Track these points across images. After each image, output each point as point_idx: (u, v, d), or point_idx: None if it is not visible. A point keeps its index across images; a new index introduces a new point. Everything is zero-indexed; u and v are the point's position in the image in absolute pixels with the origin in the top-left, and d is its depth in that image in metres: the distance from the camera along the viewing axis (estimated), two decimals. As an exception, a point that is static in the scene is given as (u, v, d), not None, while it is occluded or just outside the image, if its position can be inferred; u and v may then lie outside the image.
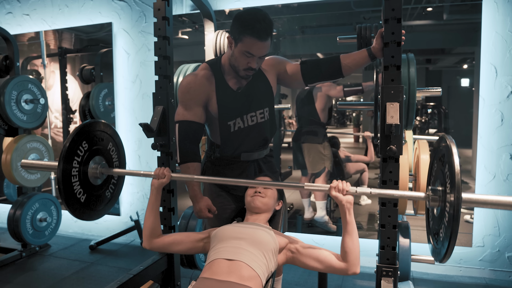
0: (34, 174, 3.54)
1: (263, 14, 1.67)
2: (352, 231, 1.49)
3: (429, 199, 1.44)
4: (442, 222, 1.39)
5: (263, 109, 1.90)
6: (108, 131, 1.90)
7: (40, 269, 3.29)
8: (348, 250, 1.47)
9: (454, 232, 1.26)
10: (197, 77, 1.83)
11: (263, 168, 1.98)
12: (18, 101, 3.37)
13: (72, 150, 1.67)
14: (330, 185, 1.50)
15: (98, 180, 1.82)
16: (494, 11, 2.82)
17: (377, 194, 1.49)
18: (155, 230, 1.70)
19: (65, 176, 1.64)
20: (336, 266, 1.49)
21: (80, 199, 1.73)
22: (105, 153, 1.86)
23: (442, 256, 1.36)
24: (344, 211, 1.48)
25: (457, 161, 1.28)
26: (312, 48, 4.31)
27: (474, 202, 1.33)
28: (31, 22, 4.21)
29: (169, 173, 1.70)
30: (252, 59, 1.72)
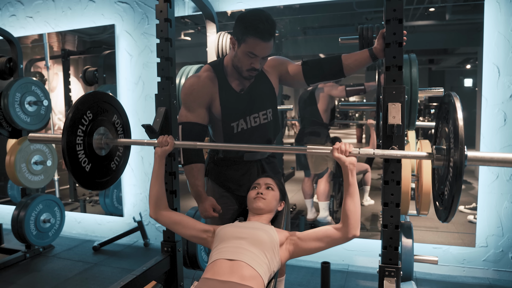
0: (38, 175, 3.55)
1: (266, 14, 1.67)
2: (354, 193, 1.50)
3: (434, 158, 1.43)
4: (446, 180, 1.37)
5: (266, 110, 1.91)
6: (113, 103, 1.91)
7: (43, 270, 3.30)
8: (349, 212, 1.48)
9: (458, 188, 1.25)
10: (200, 79, 1.83)
11: (266, 169, 1.99)
12: (22, 103, 3.39)
13: (76, 119, 1.69)
14: (333, 146, 1.51)
15: (102, 151, 1.84)
16: (497, 11, 2.82)
17: (380, 154, 1.50)
18: (160, 200, 1.71)
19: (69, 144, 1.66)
20: (336, 236, 1.51)
21: (85, 168, 1.74)
22: (109, 125, 1.88)
23: (446, 214, 1.35)
24: (346, 172, 1.50)
25: (461, 117, 1.26)
26: (314, 49, 4.31)
27: (479, 160, 1.32)
28: (34, 24, 4.23)
29: (172, 141, 1.71)
30: (256, 59, 1.72)
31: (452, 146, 1.31)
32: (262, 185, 1.78)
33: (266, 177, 1.82)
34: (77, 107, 1.69)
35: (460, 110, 1.28)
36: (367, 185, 4.15)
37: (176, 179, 2.13)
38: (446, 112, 1.42)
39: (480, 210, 2.98)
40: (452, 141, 1.30)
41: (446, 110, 1.43)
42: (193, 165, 1.81)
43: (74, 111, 1.68)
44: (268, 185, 1.78)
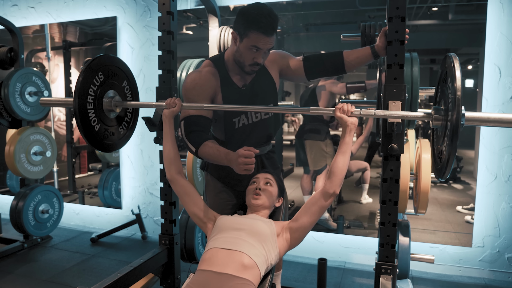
0: (37, 166, 3.56)
1: (268, 9, 1.66)
2: (346, 151, 1.57)
3: (433, 118, 1.47)
4: (444, 139, 1.41)
5: (267, 105, 1.90)
6: (123, 68, 1.96)
7: (41, 261, 3.31)
8: (337, 169, 1.55)
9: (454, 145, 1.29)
10: (202, 74, 1.81)
11: (265, 164, 1.99)
12: (22, 93, 3.39)
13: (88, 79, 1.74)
14: (335, 106, 1.57)
15: (111, 114, 1.89)
16: (500, 11, 2.82)
17: (381, 114, 1.54)
18: (173, 159, 1.74)
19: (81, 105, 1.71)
20: (319, 198, 1.57)
21: (95, 127, 1.80)
22: (119, 89, 1.93)
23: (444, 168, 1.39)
24: (345, 131, 1.56)
25: (459, 75, 1.30)
26: (316, 46, 4.31)
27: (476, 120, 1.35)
28: (36, 14, 4.22)
29: (180, 102, 1.74)
30: (258, 54, 1.71)
31: (450, 106, 1.34)
32: (261, 180, 1.78)
33: (265, 173, 1.83)
34: (89, 67, 1.74)
35: (459, 70, 1.31)
36: (366, 183, 4.16)
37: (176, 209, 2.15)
38: (445, 73, 1.46)
39: (477, 210, 2.99)
40: (450, 100, 1.34)
41: (445, 71, 1.46)
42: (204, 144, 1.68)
43: (86, 71, 1.72)
44: (267, 180, 1.78)
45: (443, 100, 1.47)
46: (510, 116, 1.32)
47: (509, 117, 1.32)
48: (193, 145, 1.71)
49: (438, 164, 1.52)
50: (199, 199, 1.73)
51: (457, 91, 1.28)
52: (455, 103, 1.28)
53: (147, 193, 3.95)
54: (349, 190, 4.47)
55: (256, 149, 1.93)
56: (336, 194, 1.56)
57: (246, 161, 1.55)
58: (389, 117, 1.55)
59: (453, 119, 1.28)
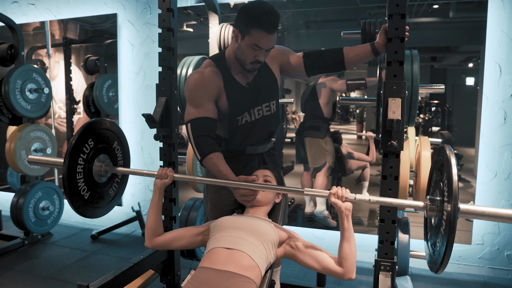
0: (38, 163, 3.56)
1: (269, 6, 1.65)
2: (350, 238, 1.50)
3: (427, 208, 1.43)
4: (439, 231, 1.39)
5: (270, 102, 1.90)
6: (114, 130, 1.89)
7: (42, 257, 3.32)
8: (345, 256, 1.48)
9: (450, 242, 1.26)
10: (204, 74, 1.79)
11: (267, 161, 1.99)
12: (23, 90, 3.39)
13: (78, 147, 1.67)
14: (329, 191, 1.51)
15: (102, 178, 1.82)
16: (500, 9, 2.81)
17: (376, 202, 1.50)
18: (157, 230, 1.70)
19: (70, 172, 1.64)
20: (333, 270, 1.50)
21: (84, 196, 1.73)
22: (110, 152, 1.86)
23: (438, 265, 1.37)
24: (342, 217, 1.50)
25: (455, 172, 1.28)
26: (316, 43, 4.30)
27: (471, 213, 1.33)
28: (36, 11, 4.22)
29: (172, 173, 1.70)
30: (260, 52, 1.71)
31: (446, 200, 1.32)
32: (260, 177, 1.78)
33: (264, 169, 1.83)
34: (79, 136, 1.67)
35: (455, 166, 1.30)
36: (366, 181, 4.16)
37: (176, 205, 2.14)
38: (441, 165, 1.44)
39: (477, 208, 2.99)
40: (446, 195, 1.32)
41: (441, 162, 1.45)
42: (211, 155, 1.71)
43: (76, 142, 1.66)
44: (266, 177, 1.78)
45: (437, 190, 1.46)
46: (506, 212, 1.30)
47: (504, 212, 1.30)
48: (200, 154, 1.73)
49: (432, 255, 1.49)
50: (181, 231, 1.72)
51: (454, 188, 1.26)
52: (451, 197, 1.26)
53: (147, 190, 3.95)
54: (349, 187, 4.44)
55: (258, 146, 1.95)
56: (351, 279, 1.50)
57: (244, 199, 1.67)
58: (384, 204, 1.53)
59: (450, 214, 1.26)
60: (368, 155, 4.15)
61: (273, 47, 1.74)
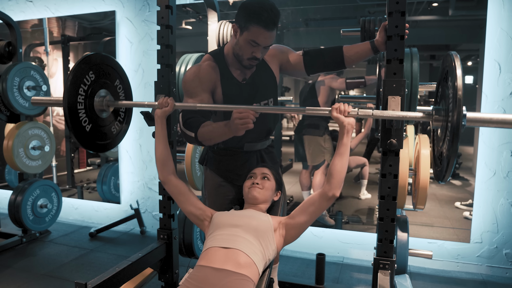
0: (36, 161, 3.55)
1: (270, 3, 1.64)
2: (344, 153, 1.53)
3: (433, 118, 1.43)
4: (444, 140, 1.37)
5: (268, 100, 1.90)
6: (115, 67, 1.90)
7: (40, 255, 3.31)
8: (335, 172, 1.52)
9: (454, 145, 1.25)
10: (202, 67, 1.80)
11: (265, 158, 1.99)
12: (21, 88, 3.38)
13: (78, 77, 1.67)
14: (332, 106, 1.53)
15: (103, 113, 1.84)
16: (500, 7, 2.80)
17: (379, 115, 1.51)
18: (166, 161, 1.73)
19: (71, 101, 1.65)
20: (318, 198, 1.55)
21: (86, 128, 1.75)
22: (111, 88, 1.88)
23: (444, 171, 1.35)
24: (343, 132, 1.52)
25: (460, 75, 1.26)
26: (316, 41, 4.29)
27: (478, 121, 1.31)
28: (34, 9, 4.20)
29: (172, 102, 1.72)
30: (257, 48, 1.70)
31: (450, 106, 1.30)
32: (258, 175, 1.78)
33: (262, 167, 1.82)
34: (79, 65, 1.67)
35: (460, 68, 1.28)
36: (365, 179, 4.16)
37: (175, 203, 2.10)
38: (446, 72, 1.42)
39: (476, 206, 2.99)
40: (451, 101, 1.30)
41: (445, 70, 1.42)
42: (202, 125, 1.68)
43: (76, 69, 1.66)
44: (264, 174, 1.78)
45: (443, 100, 1.44)
46: None
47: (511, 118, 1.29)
48: (191, 130, 1.69)
49: (438, 166, 1.49)
50: (194, 198, 1.73)
51: (458, 91, 1.24)
52: (455, 103, 1.24)
53: (145, 188, 3.95)
54: (348, 185, 4.47)
55: (256, 143, 1.94)
56: (335, 197, 1.54)
57: (241, 116, 1.57)
58: (387, 117, 1.54)
59: (454, 120, 1.24)
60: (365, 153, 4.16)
61: (271, 44, 1.73)
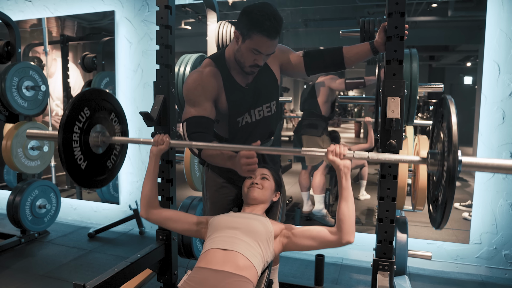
0: (35, 161, 3.54)
1: (273, 10, 1.62)
2: (348, 197, 1.48)
3: (428, 162, 1.41)
4: (440, 185, 1.36)
5: (270, 102, 1.89)
6: (111, 101, 1.87)
7: (38, 255, 3.31)
8: (343, 217, 1.47)
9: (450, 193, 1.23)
10: (204, 74, 1.77)
11: (266, 159, 1.99)
12: (19, 88, 3.37)
13: (73, 115, 1.65)
14: (327, 148, 1.49)
15: (99, 149, 1.80)
16: (499, 8, 2.80)
17: (375, 158, 1.49)
18: (152, 200, 1.69)
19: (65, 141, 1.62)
20: (329, 239, 1.49)
21: (81, 166, 1.71)
22: (107, 123, 1.84)
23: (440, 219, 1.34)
24: (341, 176, 1.48)
25: (455, 121, 1.24)
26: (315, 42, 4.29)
27: (473, 166, 1.29)
28: (33, 8, 4.19)
29: (168, 140, 1.69)
30: (259, 56, 1.68)
31: (446, 151, 1.29)
32: (258, 175, 1.77)
33: (261, 168, 1.82)
34: (74, 103, 1.65)
35: (455, 114, 1.26)
36: (364, 180, 4.16)
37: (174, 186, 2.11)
38: (441, 116, 1.40)
39: (475, 207, 2.99)
40: (446, 145, 1.29)
41: (441, 114, 1.41)
42: None
43: (71, 108, 1.64)
44: (264, 175, 1.77)
45: (438, 144, 1.43)
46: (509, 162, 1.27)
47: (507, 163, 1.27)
48: (196, 148, 1.71)
49: (434, 211, 1.46)
50: (180, 214, 1.71)
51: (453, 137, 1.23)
52: (451, 149, 1.23)
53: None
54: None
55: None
56: (350, 243, 1.47)
57: (249, 162, 1.56)
58: (383, 161, 1.51)
59: (450, 165, 1.23)
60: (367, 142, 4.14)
61: (273, 52, 1.72)
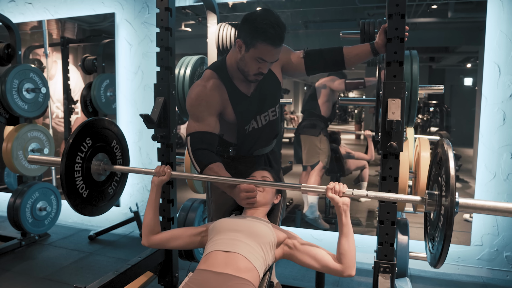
0: (35, 163, 3.54)
1: (275, 17, 1.62)
2: (348, 233, 1.49)
3: (426, 203, 1.42)
4: (437, 226, 1.38)
5: (275, 107, 1.91)
6: (112, 129, 1.87)
7: (39, 258, 3.30)
8: (344, 252, 1.47)
9: (447, 236, 1.26)
10: (207, 88, 1.76)
11: (271, 160, 2.01)
12: (20, 90, 3.37)
13: (76, 146, 1.66)
14: (327, 186, 1.50)
15: (101, 177, 1.80)
16: (499, 9, 2.81)
17: (373, 197, 1.48)
18: (154, 227, 1.69)
19: (68, 171, 1.62)
20: (331, 267, 1.49)
21: (82, 194, 1.71)
22: (108, 151, 1.84)
23: (436, 260, 1.36)
24: (340, 213, 1.48)
25: (453, 166, 1.27)
26: (315, 43, 4.29)
27: (470, 208, 1.32)
28: (33, 11, 4.19)
29: (170, 171, 1.69)
30: (264, 64, 1.68)
31: (444, 194, 1.31)
32: (258, 178, 1.77)
33: (262, 170, 1.82)
34: (76, 135, 1.65)
35: (453, 160, 1.29)
36: (364, 181, 4.15)
37: (174, 206, 2.11)
38: (439, 159, 1.43)
39: (476, 208, 2.98)
40: (444, 190, 1.31)
41: (439, 157, 1.44)
42: (211, 166, 1.69)
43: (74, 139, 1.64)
44: (264, 177, 1.77)
45: (436, 184, 1.45)
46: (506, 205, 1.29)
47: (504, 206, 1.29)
48: (199, 166, 1.70)
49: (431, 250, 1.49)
50: (179, 231, 1.70)
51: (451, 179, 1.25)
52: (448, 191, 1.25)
53: (145, 191, 3.93)
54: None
55: (264, 148, 1.97)
56: (351, 276, 1.47)
57: (248, 195, 1.62)
58: (382, 199, 1.51)
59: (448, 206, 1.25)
60: (367, 154, 4.15)
61: (277, 59, 1.71)
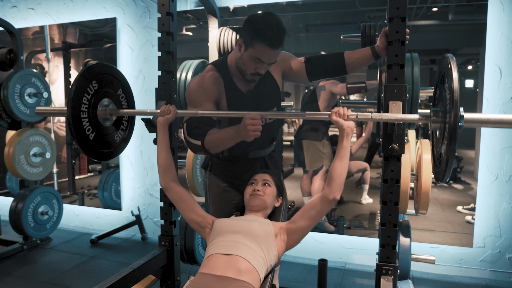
0: (37, 167, 3.55)
1: (276, 20, 1.63)
2: (344, 156, 1.54)
3: (431, 120, 1.46)
4: (443, 141, 1.39)
5: (272, 109, 1.90)
6: (118, 76, 1.94)
7: (41, 262, 3.30)
8: (335, 174, 1.53)
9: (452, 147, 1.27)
10: (206, 77, 1.78)
11: (268, 164, 1.99)
12: (22, 95, 3.38)
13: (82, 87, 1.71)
14: (331, 110, 1.54)
15: (107, 122, 1.87)
16: (500, 12, 2.81)
17: (378, 118, 1.53)
18: (168, 168, 1.74)
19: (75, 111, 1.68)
20: (318, 203, 1.56)
21: (89, 136, 1.77)
22: (114, 97, 1.91)
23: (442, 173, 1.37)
24: (342, 136, 1.54)
25: (456, 76, 1.28)
26: (316, 47, 4.30)
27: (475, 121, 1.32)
28: (35, 16, 4.22)
29: (175, 109, 1.72)
30: (261, 65, 1.69)
31: (448, 107, 1.32)
32: (259, 181, 1.78)
33: (263, 173, 1.82)
34: (82, 75, 1.71)
35: (456, 71, 1.29)
36: (366, 184, 4.15)
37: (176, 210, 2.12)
38: (443, 75, 1.44)
39: (478, 210, 2.98)
40: (448, 102, 1.32)
41: (442, 73, 1.45)
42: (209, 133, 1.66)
43: (79, 79, 1.70)
44: (265, 181, 1.78)
45: (441, 102, 1.46)
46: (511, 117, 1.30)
47: (509, 118, 1.30)
48: (197, 139, 1.67)
49: (438, 167, 1.51)
50: (196, 205, 1.73)
51: (455, 92, 1.26)
52: (452, 104, 1.26)
53: (147, 194, 3.94)
54: (349, 190, 4.46)
55: (261, 151, 1.95)
56: (336, 200, 1.54)
57: (253, 122, 1.57)
58: (386, 120, 1.54)
59: (451, 121, 1.27)
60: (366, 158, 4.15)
61: (275, 61, 1.72)
